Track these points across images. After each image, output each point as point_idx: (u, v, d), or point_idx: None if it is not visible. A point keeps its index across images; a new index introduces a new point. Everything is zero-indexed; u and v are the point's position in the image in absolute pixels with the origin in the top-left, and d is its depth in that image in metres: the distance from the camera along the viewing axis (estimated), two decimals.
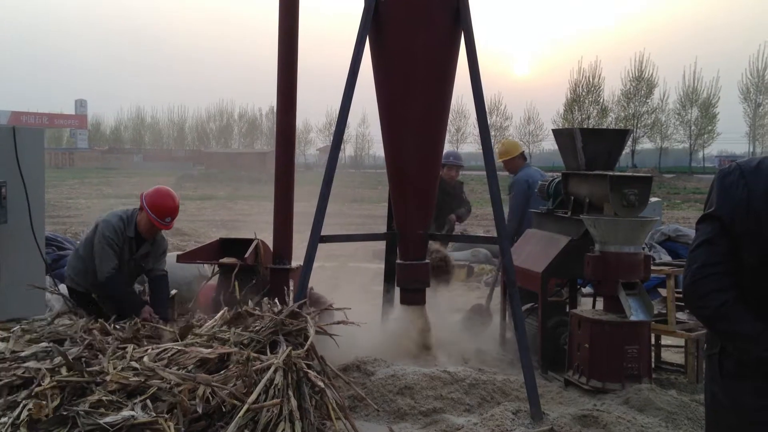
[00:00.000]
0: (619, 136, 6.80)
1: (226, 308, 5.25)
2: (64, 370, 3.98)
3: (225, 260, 6.84)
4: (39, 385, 3.76)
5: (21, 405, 3.61)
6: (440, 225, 9.12)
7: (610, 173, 6.11)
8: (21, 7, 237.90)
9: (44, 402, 3.59)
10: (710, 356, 2.59)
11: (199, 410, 3.67)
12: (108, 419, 3.51)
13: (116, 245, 6.16)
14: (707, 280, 2.44)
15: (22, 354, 4.29)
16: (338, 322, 5.18)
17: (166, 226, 6.24)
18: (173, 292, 6.98)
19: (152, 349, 4.33)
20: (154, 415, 3.56)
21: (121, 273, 6.20)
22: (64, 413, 3.56)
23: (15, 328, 4.82)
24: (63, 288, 6.68)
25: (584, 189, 6.46)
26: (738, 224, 2.41)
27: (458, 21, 6.00)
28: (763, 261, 2.37)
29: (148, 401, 3.67)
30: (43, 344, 4.31)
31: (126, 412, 3.55)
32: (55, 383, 3.74)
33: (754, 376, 2.41)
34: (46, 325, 4.90)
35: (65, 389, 3.78)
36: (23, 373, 3.97)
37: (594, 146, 6.49)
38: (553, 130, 7.40)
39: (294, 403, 3.86)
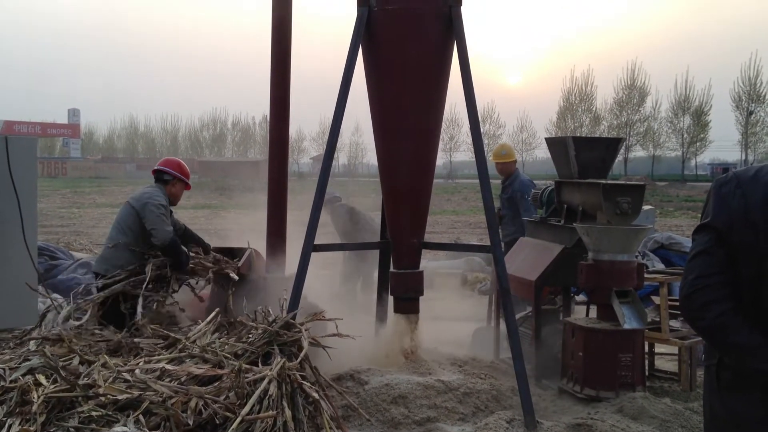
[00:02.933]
0: (612, 145, 6.81)
1: (216, 310, 5.24)
2: (43, 379, 3.94)
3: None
4: (25, 402, 3.70)
5: (7, 425, 3.56)
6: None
7: (603, 181, 6.12)
8: (13, 17, 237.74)
9: (32, 426, 3.51)
10: (708, 367, 2.56)
11: (190, 422, 3.64)
12: None
13: (168, 212, 6.66)
14: (704, 291, 2.41)
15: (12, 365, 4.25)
16: (332, 335, 5.17)
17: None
18: None
19: (144, 362, 4.30)
20: (147, 431, 3.52)
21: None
22: (54, 430, 3.50)
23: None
24: (56, 297, 6.64)
25: (577, 197, 6.46)
26: (735, 234, 2.38)
27: (451, 30, 6.01)
28: (760, 271, 2.35)
29: (141, 416, 3.63)
30: (36, 359, 4.24)
31: (119, 428, 3.50)
32: (44, 398, 3.69)
33: (751, 387, 2.38)
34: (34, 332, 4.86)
35: (51, 402, 3.74)
36: (9, 384, 3.93)
37: (587, 154, 6.50)
38: (546, 139, 7.42)
39: (288, 413, 3.84)
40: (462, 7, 6.01)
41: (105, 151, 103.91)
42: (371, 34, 6.07)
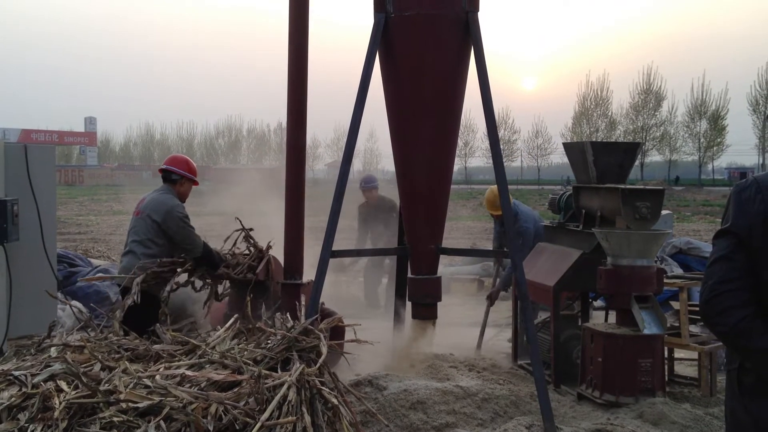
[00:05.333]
0: (630, 149, 6.79)
1: (236, 316, 5.26)
2: (64, 385, 3.96)
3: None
4: (47, 408, 3.72)
5: (30, 431, 3.58)
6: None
7: (622, 186, 6.09)
8: (30, 27, 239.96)
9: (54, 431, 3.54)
10: (730, 372, 2.55)
11: (210, 428, 3.66)
12: None
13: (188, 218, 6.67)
14: (724, 296, 2.40)
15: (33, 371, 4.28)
16: (350, 340, 5.18)
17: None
18: None
19: (164, 368, 4.32)
20: None
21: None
22: None
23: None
24: (76, 304, 6.68)
25: (596, 202, 6.45)
26: (755, 239, 2.37)
27: (468, 36, 6.01)
28: None
29: (162, 422, 3.64)
30: (57, 365, 4.27)
31: None
32: (65, 403, 3.72)
33: None
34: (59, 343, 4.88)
35: (73, 408, 3.76)
36: (31, 390, 3.95)
37: (605, 159, 6.49)
38: (564, 144, 7.40)
39: (308, 419, 3.85)
40: (479, 13, 6.02)
41: (121, 158, 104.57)
42: (388, 40, 6.09)
